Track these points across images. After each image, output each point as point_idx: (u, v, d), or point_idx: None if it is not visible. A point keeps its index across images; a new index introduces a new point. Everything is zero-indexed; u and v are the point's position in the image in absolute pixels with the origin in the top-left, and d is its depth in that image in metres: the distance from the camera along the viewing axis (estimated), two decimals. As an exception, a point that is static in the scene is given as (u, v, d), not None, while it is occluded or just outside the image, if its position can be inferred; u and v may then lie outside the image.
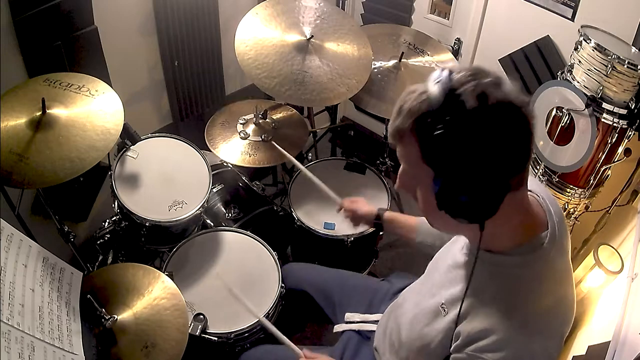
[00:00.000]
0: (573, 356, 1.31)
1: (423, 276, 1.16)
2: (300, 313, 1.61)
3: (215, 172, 1.85)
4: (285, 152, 1.78)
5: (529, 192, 0.87)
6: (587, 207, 1.88)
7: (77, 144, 1.35)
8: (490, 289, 0.86)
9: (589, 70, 1.62)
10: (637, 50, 1.67)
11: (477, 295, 0.87)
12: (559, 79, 1.79)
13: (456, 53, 2.36)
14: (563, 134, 1.73)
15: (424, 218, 0.93)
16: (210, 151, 1.86)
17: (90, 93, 1.47)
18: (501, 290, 0.85)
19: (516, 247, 0.85)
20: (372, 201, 1.92)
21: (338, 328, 1.38)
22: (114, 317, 1.18)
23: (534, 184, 0.92)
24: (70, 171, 1.31)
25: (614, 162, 1.71)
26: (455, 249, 1.01)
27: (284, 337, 1.22)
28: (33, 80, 1.49)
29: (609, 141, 1.64)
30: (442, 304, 0.95)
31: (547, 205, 0.89)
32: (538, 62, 2.08)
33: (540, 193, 0.91)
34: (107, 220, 1.82)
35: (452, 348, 0.89)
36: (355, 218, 1.48)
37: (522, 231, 0.85)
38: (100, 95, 1.47)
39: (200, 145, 1.80)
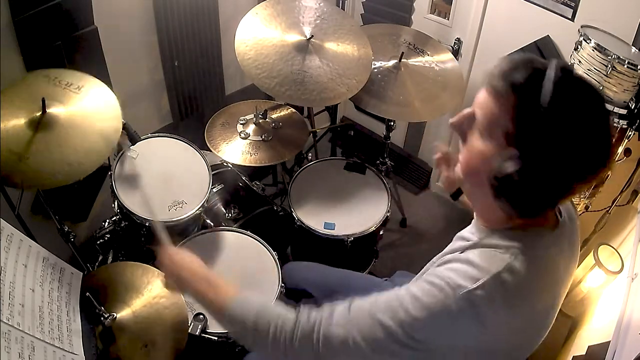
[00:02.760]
0: (573, 356, 1.31)
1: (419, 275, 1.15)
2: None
3: (215, 172, 1.85)
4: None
5: None
6: (587, 207, 1.87)
7: (76, 145, 1.35)
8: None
9: (589, 70, 1.62)
10: (637, 50, 1.67)
11: (479, 247, 0.84)
12: (559, 79, 1.78)
13: (456, 53, 2.35)
14: (563, 134, 1.73)
15: None
16: (210, 151, 1.86)
17: (87, 93, 1.46)
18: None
19: (521, 233, 0.82)
20: (372, 201, 1.92)
21: None
22: (113, 315, 1.19)
23: None
24: (69, 174, 1.30)
25: (614, 162, 1.71)
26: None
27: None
28: (32, 73, 1.48)
29: (609, 141, 1.64)
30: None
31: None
32: (538, 62, 2.07)
33: None
34: (107, 220, 1.82)
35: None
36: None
37: (536, 222, 0.84)
38: (98, 97, 1.46)
39: (200, 145, 1.80)
